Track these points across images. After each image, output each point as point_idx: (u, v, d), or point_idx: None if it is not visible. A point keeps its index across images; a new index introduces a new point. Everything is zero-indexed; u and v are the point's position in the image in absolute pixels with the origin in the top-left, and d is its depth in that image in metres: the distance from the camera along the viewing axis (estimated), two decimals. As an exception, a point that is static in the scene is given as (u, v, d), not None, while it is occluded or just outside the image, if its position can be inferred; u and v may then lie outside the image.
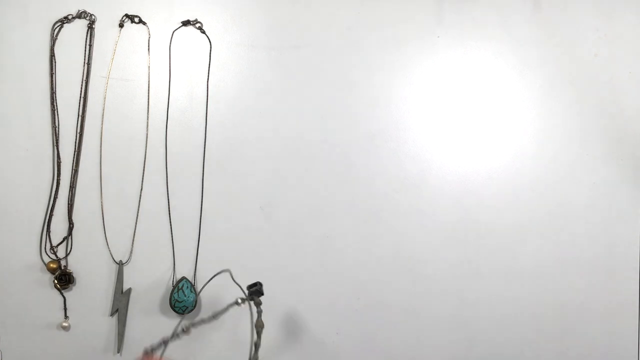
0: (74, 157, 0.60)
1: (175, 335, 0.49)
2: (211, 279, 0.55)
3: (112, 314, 0.60)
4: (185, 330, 0.49)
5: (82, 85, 0.61)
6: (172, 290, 0.59)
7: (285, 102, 0.61)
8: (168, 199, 0.61)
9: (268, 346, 0.61)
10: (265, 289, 0.61)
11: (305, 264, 0.61)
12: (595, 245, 0.61)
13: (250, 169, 0.61)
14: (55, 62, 0.60)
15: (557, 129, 0.61)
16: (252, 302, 0.49)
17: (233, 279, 0.52)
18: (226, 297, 0.59)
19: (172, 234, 0.61)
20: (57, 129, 0.60)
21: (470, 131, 0.61)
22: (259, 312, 0.47)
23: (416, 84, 0.61)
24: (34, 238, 0.60)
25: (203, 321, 0.49)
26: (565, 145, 0.61)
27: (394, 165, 0.61)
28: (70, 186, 0.60)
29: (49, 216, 0.60)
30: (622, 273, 0.61)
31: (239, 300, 0.50)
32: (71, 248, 0.60)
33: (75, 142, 0.61)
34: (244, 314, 0.52)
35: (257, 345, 0.46)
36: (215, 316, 0.49)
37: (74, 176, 0.60)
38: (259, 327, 0.47)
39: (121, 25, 0.61)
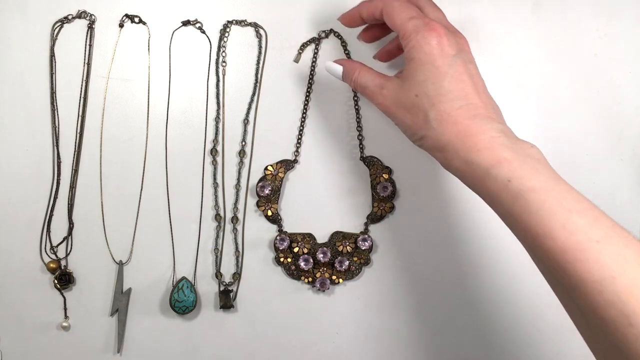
0: (74, 157, 0.61)
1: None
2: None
3: (112, 314, 0.60)
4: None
5: (82, 85, 0.61)
6: (172, 290, 0.59)
7: (285, 102, 0.61)
8: (168, 199, 0.61)
9: (267, 346, 0.61)
10: (264, 290, 0.61)
11: (305, 264, 0.61)
12: (595, 245, 0.61)
13: (250, 169, 0.61)
14: (55, 62, 0.60)
15: (557, 128, 0.61)
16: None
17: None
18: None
19: (172, 234, 0.61)
20: (57, 129, 0.60)
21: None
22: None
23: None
24: (34, 238, 0.60)
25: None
26: (565, 145, 0.61)
27: (394, 164, 0.61)
28: (70, 186, 0.60)
29: (49, 216, 0.60)
30: (622, 273, 0.61)
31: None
32: (71, 248, 0.60)
33: (75, 142, 0.61)
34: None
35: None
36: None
37: (74, 176, 0.61)
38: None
39: (121, 25, 0.61)
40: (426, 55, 0.44)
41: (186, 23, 0.61)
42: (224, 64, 0.62)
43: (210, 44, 0.62)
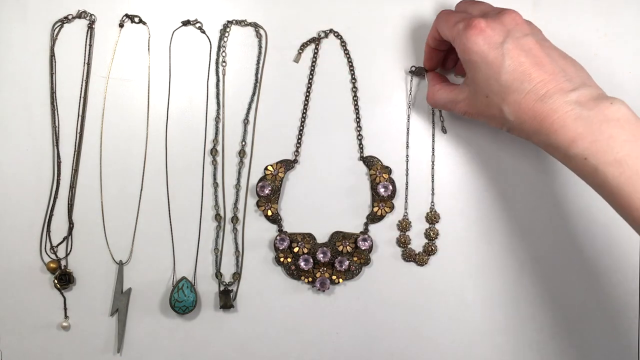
0: (74, 157, 0.61)
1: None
2: None
3: (112, 314, 0.60)
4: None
5: (82, 85, 0.61)
6: (172, 290, 0.59)
7: (285, 102, 0.61)
8: (168, 199, 0.61)
9: (267, 346, 0.61)
10: (264, 290, 0.61)
11: (305, 264, 0.61)
12: (595, 245, 0.61)
13: (250, 169, 0.61)
14: (55, 62, 0.61)
15: (557, 129, 0.61)
16: None
17: None
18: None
19: (172, 234, 0.61)
20: (57, 129, 0.60)
21: (470, 130, 0.61)
22: None
23: (416, 83, 0.61)
24: (34, 238, 0.60)
25: None
26: (565, 145, 0.61)
27: (394, 164, 0.61)
28: (70, 186, 0.61)
29: (49, 216, 0.60)
30: (622, 273, 0.61)
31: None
32: (71, 248, 0.61)
33: (75, 142, 0.61)
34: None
35: None
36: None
37: (74, 176, 0.61)
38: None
39: (121, 25, 0.61)
40: (477, 55, 0.45)
41: (186, 23, 0.61)
42: (224, 64, 0.62)
43: (210, 44, 0.62)
